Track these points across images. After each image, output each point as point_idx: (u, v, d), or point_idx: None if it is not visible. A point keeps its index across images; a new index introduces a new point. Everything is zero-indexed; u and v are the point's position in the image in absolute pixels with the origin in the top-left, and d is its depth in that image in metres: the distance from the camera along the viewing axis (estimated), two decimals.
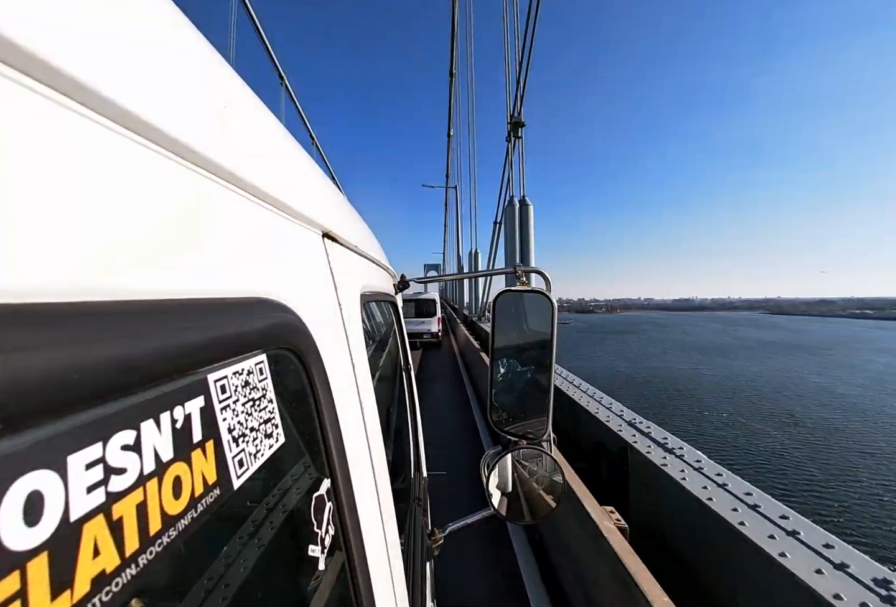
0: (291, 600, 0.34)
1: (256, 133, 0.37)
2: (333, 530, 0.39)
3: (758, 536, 1.63)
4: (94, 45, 0.18)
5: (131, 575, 0.16)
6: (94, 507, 0.15)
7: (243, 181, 0.31)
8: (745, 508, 1.83)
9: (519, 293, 0.95)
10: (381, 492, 0.58)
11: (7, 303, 0.13)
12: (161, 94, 0.22)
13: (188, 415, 0.21)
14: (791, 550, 1.53)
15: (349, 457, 0.45)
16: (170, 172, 0.23)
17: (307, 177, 0.53)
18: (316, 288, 0.46)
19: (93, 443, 0.15)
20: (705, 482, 2.09)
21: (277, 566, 0.32)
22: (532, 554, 3.08)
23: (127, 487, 0.17)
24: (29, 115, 0.15)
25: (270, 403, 0.30)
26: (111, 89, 0.18)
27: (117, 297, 0.18)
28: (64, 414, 0.14)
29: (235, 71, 0.35)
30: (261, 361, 0.30)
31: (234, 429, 0.25)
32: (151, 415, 0.19)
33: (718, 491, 2.00)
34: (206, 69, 0.30)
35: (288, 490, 0.34)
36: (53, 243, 0.15)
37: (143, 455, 0.18)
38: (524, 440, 0.97)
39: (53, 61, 0.16)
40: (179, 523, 0.19)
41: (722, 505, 1.86)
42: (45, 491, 0.13)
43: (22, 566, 0.12)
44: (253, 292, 0.30)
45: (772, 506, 1.82)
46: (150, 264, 0.21)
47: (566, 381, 4.52)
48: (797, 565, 1.45)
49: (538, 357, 1.00)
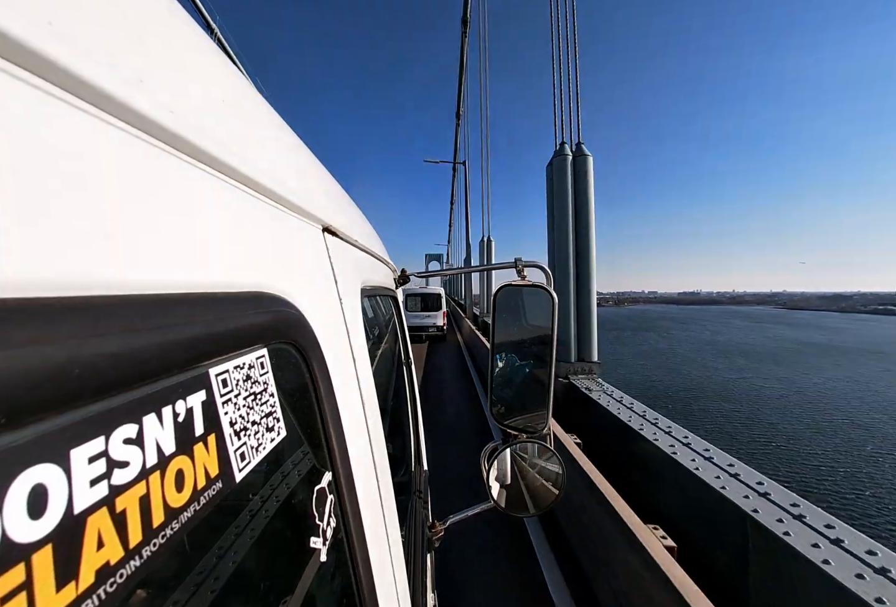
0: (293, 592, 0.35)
1: (256, 127, 0.37)
2: (335, 522, 0.40)
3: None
4: (88, 36, 0.18)
5: (135, 566, 0.16)
6: (97, 500, 0.15)
7: (243, 175, 0.31)
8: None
9: (520, 287, 0.95)
10: (381, 485, 0.59)
11: (8, 297, 0.13)
12: (158, 87, 0.22)
13: (190, 408, 0.21)
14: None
15: (350, 450, 0.45)
16: (169, 166, 0.23)
17: (308, 171, 0.53)
18: (317, 282, 0.46)
19: (95, 436, 0.15)
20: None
21: (279, 558, 0.32)
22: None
23: (130, 480, 0.17)
24: (26, 109, 0.15)
25: (272, 397, 0.30)
26: (108, 82, 0.18)
27: (118, 292, 0.18)
28: (66, 408, 0.14)
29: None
30: (262, 355, 0.30)
31: (235, 422, 0.25)
32: (153, 409, 0.19)
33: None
34: (204, 62, 0.29)
35: (289, 483, 0.34)
36: (53, 238, 0.15)
37: (146, 448, 0.18)
38: (524, 433, 0.98)
39: (49, 54, 0.15)
40: (182, 516, 0.19)
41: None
42: (48, 485, 0.13)
43: (27, 558, 0.12)
44: (254, 286, 0.30)
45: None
46: (151, 258, 0.20)
47: (635, 414, 3.18)
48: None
49: (539, 351, 1.00)
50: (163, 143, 0.23)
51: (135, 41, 0.21)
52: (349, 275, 0.62)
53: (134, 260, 0.19)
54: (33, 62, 0.15)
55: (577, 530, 2.89)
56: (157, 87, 0.22)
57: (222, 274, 0.27)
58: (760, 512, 2.00)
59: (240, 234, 0.30)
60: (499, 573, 2.83)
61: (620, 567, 2.13)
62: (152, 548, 0.17)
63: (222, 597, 0.24)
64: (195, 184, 0.26)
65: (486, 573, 2.81)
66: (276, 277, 0.34)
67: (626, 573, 2.04)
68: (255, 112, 0.38)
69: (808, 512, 1.97)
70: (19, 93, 0.15)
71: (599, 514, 2.40)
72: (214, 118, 0.28)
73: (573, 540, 2.97)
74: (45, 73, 0.16)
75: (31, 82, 0.15)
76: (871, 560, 1.62)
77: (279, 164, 0.40)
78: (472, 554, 3.00)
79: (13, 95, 0.15)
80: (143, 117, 0.21)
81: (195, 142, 0.25)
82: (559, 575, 2.77)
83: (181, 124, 0.23)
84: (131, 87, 0.20)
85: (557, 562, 2.90)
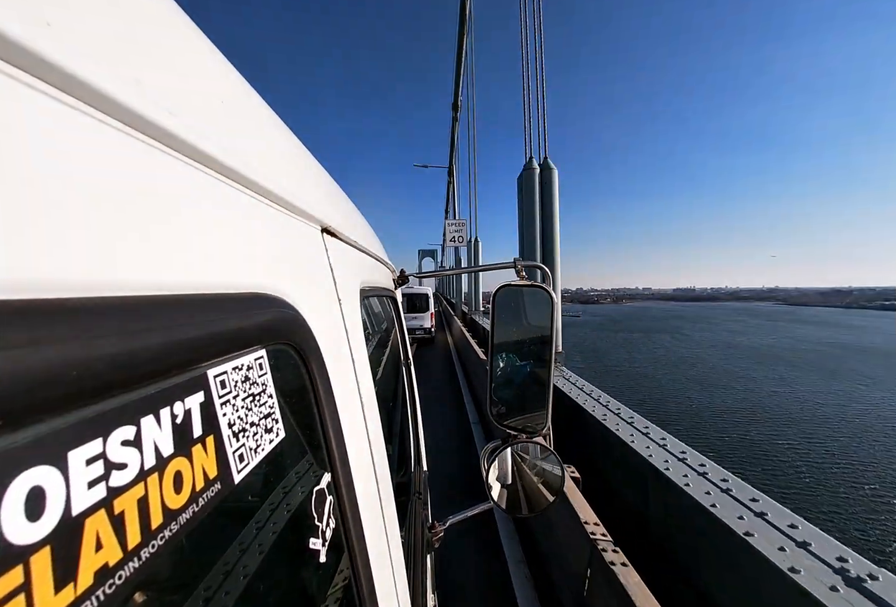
0: (293, 593, 0.35)
1: (255, 127, 0.37)
2: (334, 523, 0.40)
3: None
4: (86, 37, 0.18)
5: (133, 568, 0.16)
6: (95, 502, 0.15)
7: (243, 176, 0.31)
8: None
9: (519, 287, 0.95)
10: (381, 486, 0.59)
11: (6, 298, 0.13)
12: (157, 88, 0.22)
13: (188, 410, 0.21)
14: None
15: (349, 452, 0.45)
16: (167, 167, 0.23)
17: (306, 171, 0.53)
18: (315, 283, 0.46)
19: (93, 438, 0.15)
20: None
21: (279, 559, 0.32)
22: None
23: (128, 482, 0.17)
24: (24, 110, 0.15)
25: (270, 398, 0.30)
26: (106, 83, 0.18)
27: (116, 293, 0.18)
28: (63, 410, 0.14)
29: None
30: (260, 356, 0.30)
31: (234, 423, 0.25)
32: (151, 411, 0.19)
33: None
34: (202, 62, 0.30)
35: (288, 484, 0.34)
36: (51, 239, 0.15)
37: (144, 450, 0.18)
38: (524, 434, 0.98)
39: (47, 55, 0.15)
40: (181, 517, 0.19)
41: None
42: (46, 487, 0.13)
43: (25, 560, 0.12)
44: (252, 287, 0.30)
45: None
46: (149, 259, 0.20)
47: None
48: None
49: (538, 351, 1.00)
50: (161, 143, 0.23)
51: (133, 41, 0.21)
52: (348, 276, 0.62)
53: (131, 261, 0.19)
54: (32, 63, 0.15)
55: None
56: (156, 88, 0.22)
57: (220, 275, 0.27)
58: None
59: (238, 235, 0.30)
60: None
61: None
62: (151, 550, 0.17)
63: (221, 599, 0.24)
64: (193, 185, 0.26)
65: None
66: (274, 278, 0.34)
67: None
68: (254, 112, 0.38)
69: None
70: (17, 93, 0.15)
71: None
72: (213, 119, 0.28)
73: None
74: (43, 73, 0.16)
75: (29, 83, 0.15)
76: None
77: (278, 165, 0.40)
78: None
79: (11, 96, 0.15)
80: (141, 118, 0.21)
81: (193, 142, 0.25)
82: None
83: (179, 125, 0.23)
84: (129, 87, 0.20)
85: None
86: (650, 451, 2.65)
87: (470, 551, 3.09)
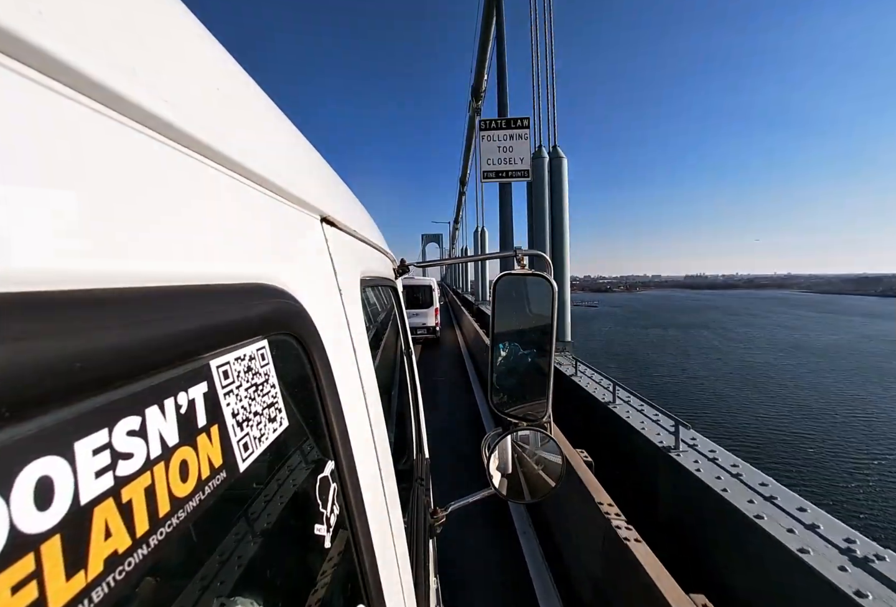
0: (298, 578, 0.35)
1: (252, 116, 0.37)
2: (338, 510, 0.40)
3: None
4: (79, 25, 0.17)
5: (142, 555, 0.17)
6: (103, 491, 0.15)
7: (241, 166, 0.31)
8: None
9: (520, 276, 0.95)
10: (384, 473, 0.60)
11: (9, 291, 0.13)
12: (153, 77, 0.22)
13: (192, 400, 0.21)
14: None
15: (352, 440, 0.46)
16: (164, 157, 0.23)
17: (305, 161, 0.52)
18: (316, 273, 0.46)
19: (99, 429, 0.15)
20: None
21: (284, 545, 0.33)
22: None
23: (134, 471, 0.17)
24: (22, 101, 0.15)
25: (273, 388, 0.31)
26: (101, 72, 0.18)
27: (118, 284, 0.18)
28: (69, 401, 0.14)
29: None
30: (262, 347, 0.30)
31: (237, 413, 0.25)
32: (156, 401, 0.19)
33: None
34: (199, 50, 0.29)
35: (293, 472, 0.34)
36: (53, 231, 0.15)
37: (150, 440, 0.18)
38: (525, 422, 0.98)
39: (39, 43, 0.15)
40: (187, 505, 0.20)
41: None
42: (54, 477, 0.13)
43: (36, 549, 0.13)
44: (253, 277, 0.30)
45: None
46: (149, 251, 0.20)
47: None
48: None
49: (539, 340, 1.01)
50: (157, 133, 0.22)
51: (128, 29, 0.20)
52: (348, 266, 0.62)
53: (132, 252, 0.19)
54: (23, 52, 0.15)
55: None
56: (152, 77, 0.22)
57: (221, 265, 0.27)
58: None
59: (237, 225, 0.30)
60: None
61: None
62: (159, 537, 0.18)
63: (229, 584, 0.24)
64: (191, 175, 0.25)
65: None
66: (275, 268, 0.34)
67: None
68: (252, 101, 0.38)
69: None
70: (10, 83, 0.15)
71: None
72: (210, 108, 0.28)
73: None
74: (35, 62, 0.15)
75: (22, 72, 0.15)
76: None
77: (276, 154, 0.40)
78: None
79: (3, 85, 0.14)
80: (137, 107, 0.20)
81: (191, 132, 0.24)
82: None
83: (176, 114, 0.23)
84: (125, 76, 0.19)
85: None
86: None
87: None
